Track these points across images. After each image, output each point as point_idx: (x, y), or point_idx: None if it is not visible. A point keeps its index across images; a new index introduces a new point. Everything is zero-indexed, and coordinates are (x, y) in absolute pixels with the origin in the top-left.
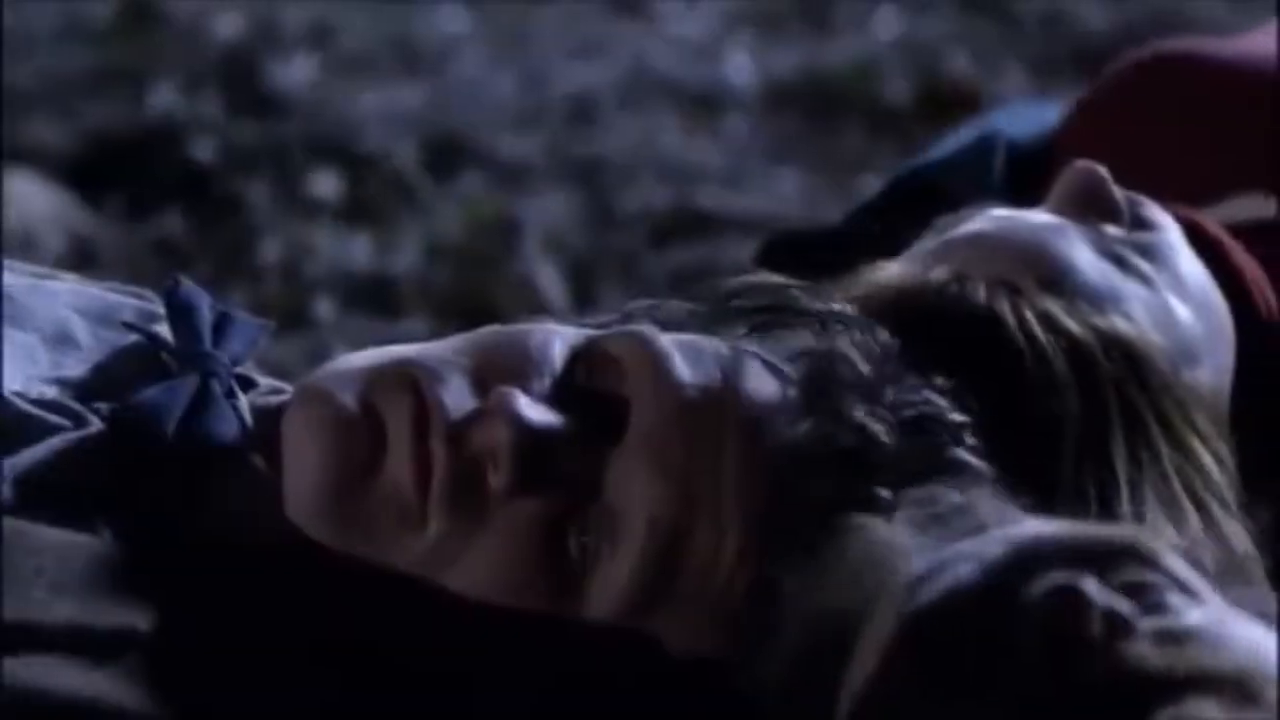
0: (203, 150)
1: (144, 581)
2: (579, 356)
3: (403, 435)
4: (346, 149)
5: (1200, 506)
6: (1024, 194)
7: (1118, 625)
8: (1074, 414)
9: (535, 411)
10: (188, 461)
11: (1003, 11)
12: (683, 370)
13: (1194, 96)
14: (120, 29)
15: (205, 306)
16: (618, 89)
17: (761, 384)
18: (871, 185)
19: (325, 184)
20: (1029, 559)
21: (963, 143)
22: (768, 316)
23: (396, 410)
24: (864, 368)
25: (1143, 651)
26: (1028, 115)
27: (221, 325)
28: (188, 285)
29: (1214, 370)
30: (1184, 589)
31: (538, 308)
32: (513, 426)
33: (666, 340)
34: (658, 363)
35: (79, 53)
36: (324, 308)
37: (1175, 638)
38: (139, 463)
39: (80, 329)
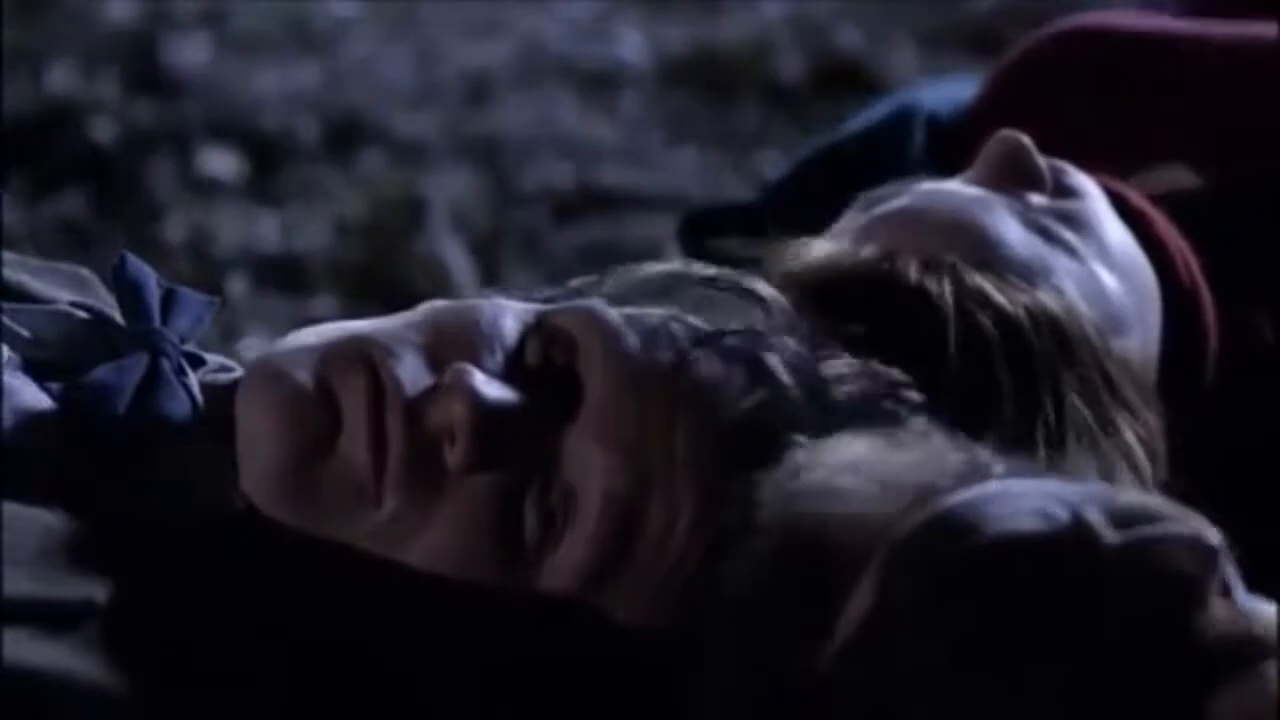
0: (102, 131)
1: (99, 555)
2: (530, 332)
3: (358, 413)
4: (245, 129)
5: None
6: (943, 167)
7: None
8: (1004, 393)
9: (491, 388)
10: (139, 439)
11: None
12: (633, 343)
13: (1109, 69)
14: (15, 11)
15: (153, 283)
16: (511, 68)
17: (708, 359)
18: (770, 161)
19: (224, 163)
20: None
21: (880, 117)
22: (709, 294)
23: (352, 388)
24: (802, 345)
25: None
26: (944, 89)
27: (168, 302)
28: (134, 261)
29: (1142, 339)
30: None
31: (446, 285)
32: (469, 403)
33: (616, 314)
34: (608, 337)
35: None
36: (235, 286)
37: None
38: (90, 440)
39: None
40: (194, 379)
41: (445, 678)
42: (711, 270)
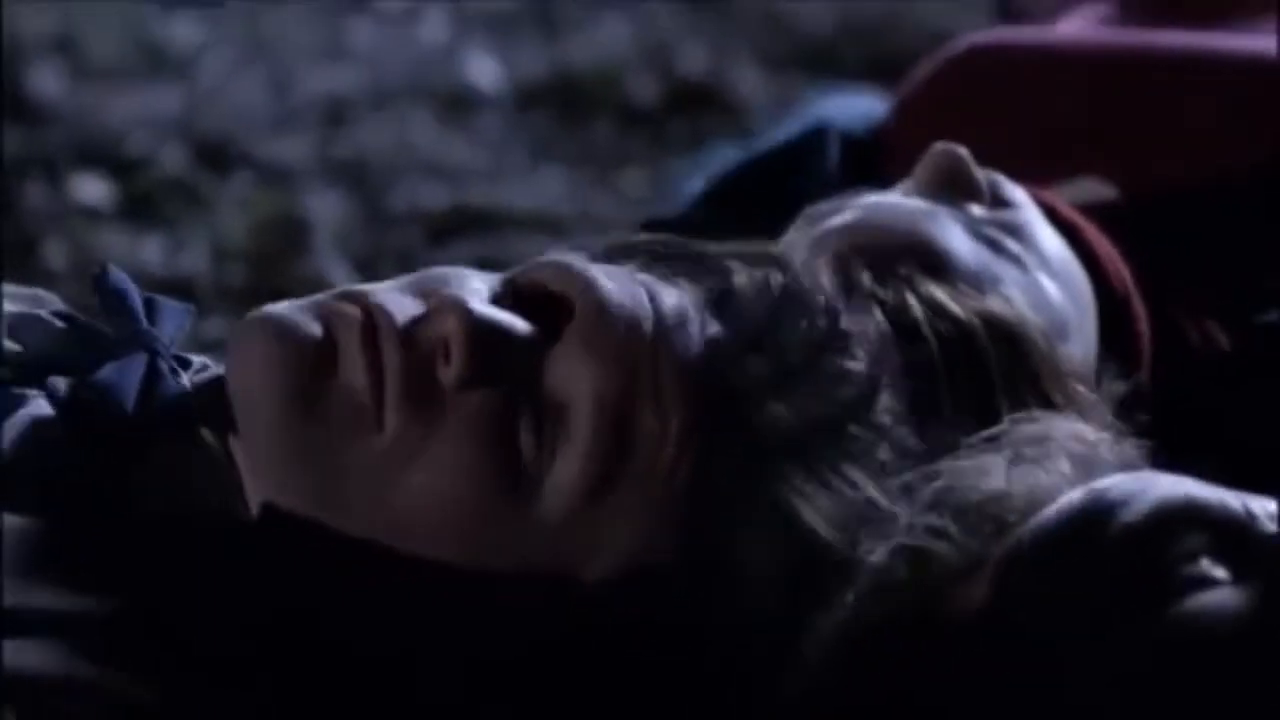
0: None
1: (101, 560)
2: (504, 284)
3: (353, 340)
4: (112, 155)
5: None
6: (856, 182)
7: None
8: (960, 399)
9: (482, 305)
10: (145, 436)
11: (726, 10)
12: (609, 283)
13: (1015, 86)
14: None
15: (135, 290)
16: (366, 91)
17: (680, 301)
18: (631, 180)
19: (96, 189)
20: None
21: (794, 132)
22: (670, 261)
23: (345, 320)
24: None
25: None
26: (852, 106)
27: (150, 309)
28: (115, 271)
29: (1082, 344)
30: None
31: None
32: (461, 316)
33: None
34: (586, 277)
35: None
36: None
37: None
38: (96, 439)
39: None
40: (186, 379)
41: (451, 675)
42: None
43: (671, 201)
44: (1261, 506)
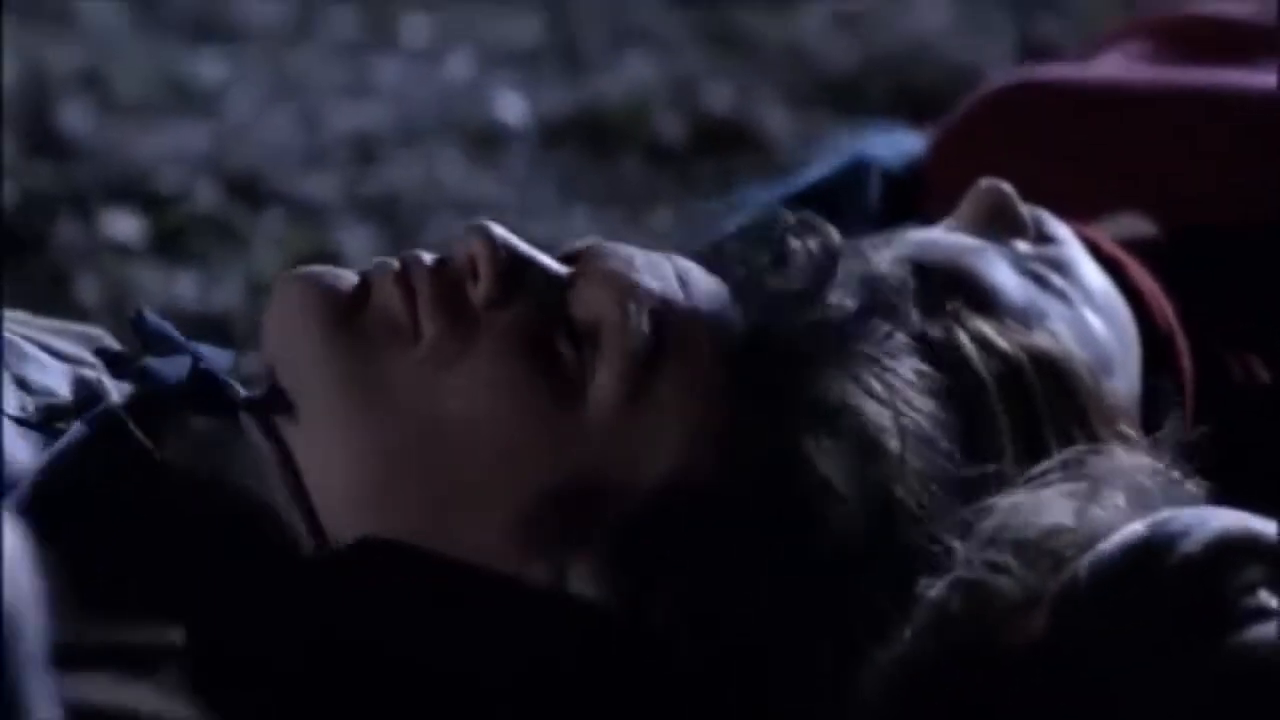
0: (2, 195)
1: (174, 593)
2: None
3: (385, 277)
4: (144, 191)
5: None
6: (895, 220)
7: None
8: (1008, 434)
9: (507, 233)
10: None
11: (750, 48)
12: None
13: (1055, 123)
14: None
15: (175, 331)
16: (393, 128)
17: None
18: (659, 218)
19: (129, 225)
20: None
21: (835, 168)
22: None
23: (378, 266)
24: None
25: None
26: (891, 142)
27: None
28: (152, 313)
29: (1127, 379)
30: None
31: None
32: (487, 236)
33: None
34: (605, 243)
35: None
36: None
37: None
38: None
39: (45, 361)
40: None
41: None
42: None
43: (703, 239)
44: None
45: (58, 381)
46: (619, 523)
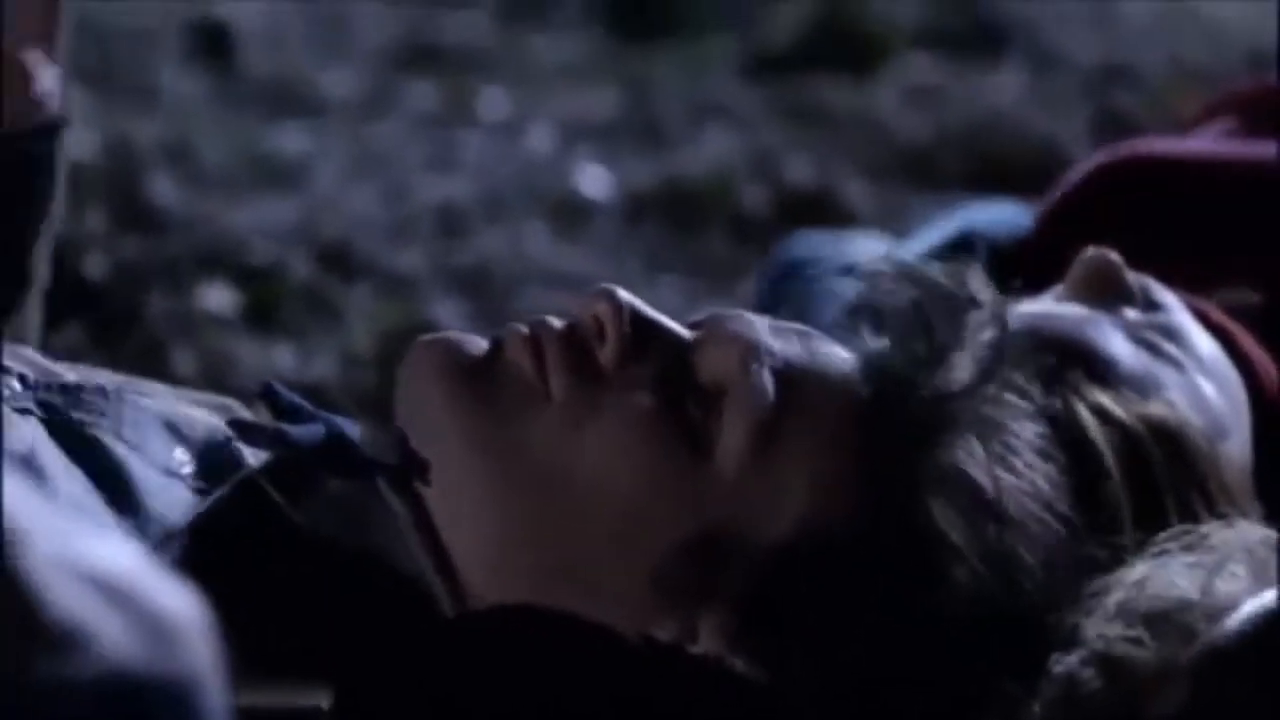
0: (94, 267)
1: (314, 655)
2: None
3: (516, 338)
4: (235, 263)
5: None
6: (1001, 290)
7: None
8: (1128, 504)
9: (631, 296)
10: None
11: (827, 121)
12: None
13: (1159, 195)
14: None
15: (304, 401)
16: (478, 200)
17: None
18: (749, 290)
19: (221, 297)
20: None
21: (941, 239)
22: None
23: (508, 330)
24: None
25: None
26: (996, 213)
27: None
28: (280, 385)
29: (1240, 445)
30: None
31: None
32: (613, 299)
33: None
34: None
35: None
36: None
37: None
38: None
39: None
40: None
41: None
42: None
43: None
44: None
45: (198, 446)
46: (748, 577)
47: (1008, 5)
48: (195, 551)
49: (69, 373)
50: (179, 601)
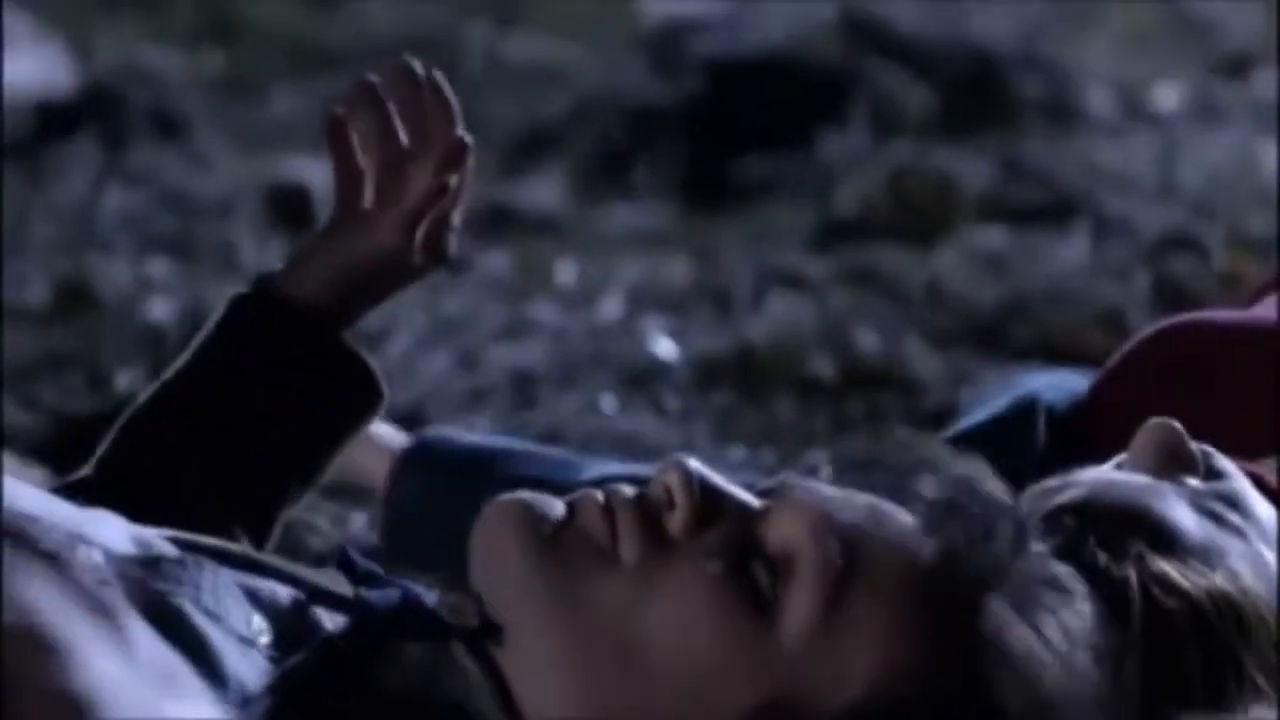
0: None
1: None
2: None
3: (590, 504)
4: None
5: None
6: (1061, 457)
7: None
8: (1191, 677)
9: (701, 466)
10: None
11: (892, 288)
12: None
13: (1218, 364)
14: (57, 316)
15: (379, 567)
16: (549, 367)
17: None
18: (814, 457)
19: None
20: None
21: (1003, 408)
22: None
23: (582, 496)
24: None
25: None
26: (1056, 381)
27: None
28: (355, 551)
29: None
30: None
31: None
32: (683, 468)
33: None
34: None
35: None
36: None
37: None
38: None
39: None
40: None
41: None
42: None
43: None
44: None
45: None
46: None
47: (1070, 173)
48: (277, 714)
49: (156, 539)
50: None
